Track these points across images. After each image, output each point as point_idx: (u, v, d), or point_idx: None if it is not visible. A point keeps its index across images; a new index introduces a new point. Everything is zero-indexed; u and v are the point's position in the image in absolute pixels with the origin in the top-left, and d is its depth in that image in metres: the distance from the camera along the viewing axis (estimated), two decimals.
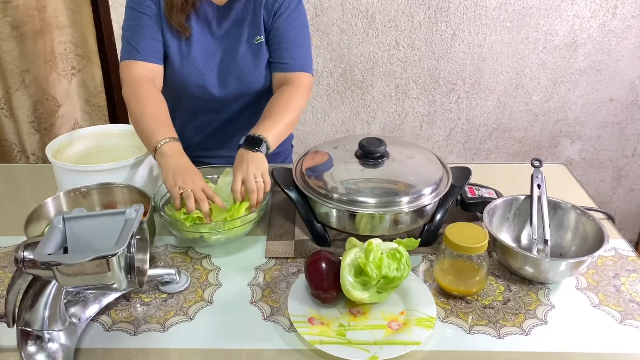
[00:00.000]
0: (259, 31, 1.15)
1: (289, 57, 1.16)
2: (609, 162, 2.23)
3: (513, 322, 0.81)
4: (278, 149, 1.35)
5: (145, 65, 1.11)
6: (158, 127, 1.02)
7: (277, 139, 1.06)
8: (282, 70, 1.17)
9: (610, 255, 0.97)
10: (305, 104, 1.17)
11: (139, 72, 1.10)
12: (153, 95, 1.09)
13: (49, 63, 1.78)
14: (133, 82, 1.09)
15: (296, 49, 1.16)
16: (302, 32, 1.18)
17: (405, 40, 1.96)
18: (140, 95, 1.07)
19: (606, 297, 0.87)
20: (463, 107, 2.10)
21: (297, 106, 1.12)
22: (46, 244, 0.63)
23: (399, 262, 0.79)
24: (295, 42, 1.16)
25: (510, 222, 0.99)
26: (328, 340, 0.75)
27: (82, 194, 0.97)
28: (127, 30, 1.12)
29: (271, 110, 1.09)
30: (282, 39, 1.15)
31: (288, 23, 1.15)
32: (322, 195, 0.94)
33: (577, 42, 1.98)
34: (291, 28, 1.15)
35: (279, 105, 1.10)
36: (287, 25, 1.15)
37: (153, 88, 1.10)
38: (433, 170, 1.00)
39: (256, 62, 1.16)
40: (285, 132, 1.09)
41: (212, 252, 0.97)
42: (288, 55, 1.16)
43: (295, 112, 1.11)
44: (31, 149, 1.85)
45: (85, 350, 0.76)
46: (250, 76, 1.18)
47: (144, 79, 1.10)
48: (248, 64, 1.16)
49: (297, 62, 1.16)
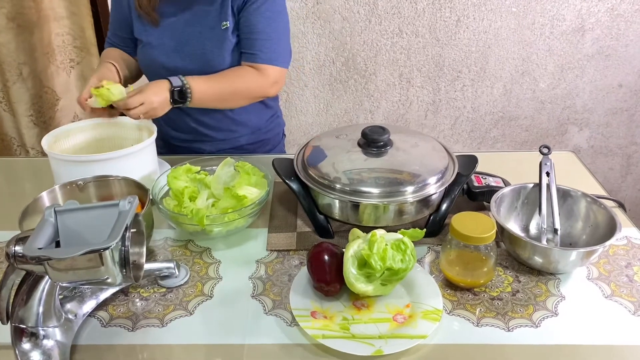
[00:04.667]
0: (226, 16, 1.16)
1: (256, 49, 1.17)
2: (617, 149, 2.19)
3: (522, 314, 0.79)
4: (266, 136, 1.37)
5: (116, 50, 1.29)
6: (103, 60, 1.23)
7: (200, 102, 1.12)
8: (249, 61, 1.18)
9: (622, 244, 0.94)
10: (261, 95, 1.21)
11: None
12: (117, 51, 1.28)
13: (47, 55, 1.76)
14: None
15: (264, 41, 1.17)
16: (273, 23, 1.17)
17: (409, 27, 1.92)
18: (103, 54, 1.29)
19: (618, 287, 0.84)
20: (468, 95, 2.06)
21: (247, 88, 1.17)
22: (36, 238, 0.60)
23: (403, 253, 0.77)
24: (264, 33, 1.16)
25: (519, 211, 0.97)
26: (331, 334, 0.73)
27: (79, 187, 0.94)
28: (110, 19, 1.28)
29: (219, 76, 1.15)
30: (251, 29, 1.16)
31: (259, 13, 1.15)
32: (325, 186, 0.92)
33: (584, 27, 1.93)
34: (261, 19, 1.15)
35: (229, 75, 1.15)
36: (257, 16, 1.15)
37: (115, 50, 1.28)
38: (438, 158, 0.97)
39: (221, 47, 1.18)
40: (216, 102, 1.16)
41: (212, 245, 0.95)
42: (256, 46, 1.17)
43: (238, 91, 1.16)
44: (30, 143, 1.83)
45: (82, 347, 0.74)
46: (214, 60, 1.19)
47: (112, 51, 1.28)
48: (213, 49, 1.18)
49: (264, 54, 1.17)
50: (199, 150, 1.33)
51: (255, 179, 1.00)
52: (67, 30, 1.77)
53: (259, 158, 1.14)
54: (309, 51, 1.96)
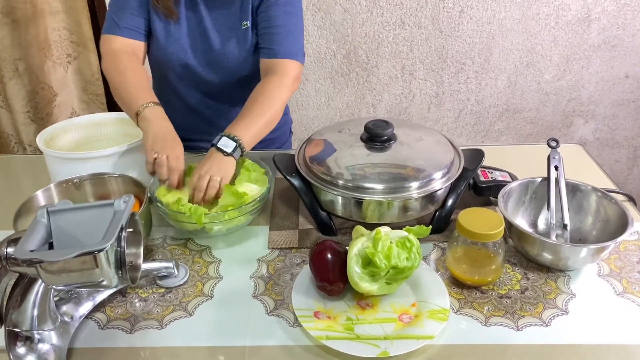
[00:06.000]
0: (247, 16, 1.12)
1: (276, 43, 1.12)
2: (624, 141, 2.16)
3: (532, 313, 0.76)
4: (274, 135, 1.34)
5: (124, 41, 1.11)
6: (139, 93, 1.02)
7: (255, 138, 1.02)
8: (269, 57, 1.13)
9: (633, 239, 0.91)
10: (289, 95, 1.14)
11: (119, 47, 1.10)
12: (134, 65, 1.09)
13: (43, 51, 1.73)
14: (113, 55, 1.09)
15: (284, 35, 1.12)
16: (293, 19, 1.14)
17: (411, 18, 1.89)
18: (119, 66, 1.07)
19: (630, 284, 0.81)
20: (472, 87, 2.03)
21: (280, 100, 1.09)
22: (28, 239, 0.58)
23: (409, 251, 0.75)
24: (284, 28, 1.12)
25: (527, 207, 0.94)
26: (335, 335, 0.71)
27: (75, 185, 0.92)
28: (112, 4, 1.13)
29: (251, 107, 1.05)
30: (271, 23, 1.11)
31: (278, 8, 1.11)
32: (327, 182, 0.90)
33: (590, 17, 1.89)
34: (281, 13, 1.11)
35: (260, 99, 1.06)
36: (277, 11, 1.11)
37: (134, 59, 1.10)
38: (443, 153, 0.95)
39: (241, 48, 1.14)
40: (265, 130, 1.06)
41: (213, 243, 0.93)
42: (276, 40, 1.12)
43: (276, 108, 1.07)
44: (28, 140, 1.81)
45: (79, 350, 0.72)
46: (235, 61, 1.15)
47: (124, 52, 1.10)
48: (233, 50, 1.14)
49: (285, 49, 1.12)
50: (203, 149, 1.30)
51: (256, 176, 0.97)
52: (64, 24, 1.74)
53: (259, 154, 1.11)
54: (310, 44, 1.93)
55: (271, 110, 1.06)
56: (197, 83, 1.20)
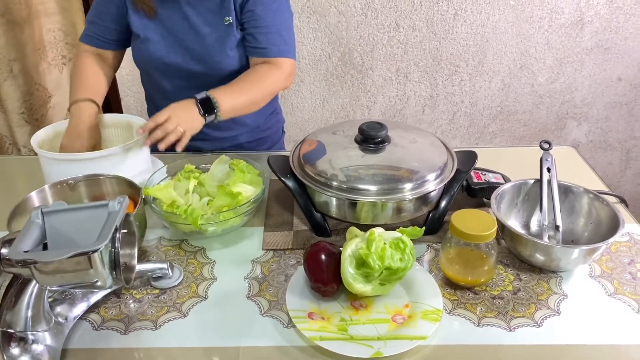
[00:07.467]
0: (228, 12, 1.12)
1: (268, 42, 1.12)
2: (617, 143, 2.18)
3: (524, 313, 0.77)
4: (265, 134, 1.34)
5: (92, 48, 1.20)
6: (78, 89, 1.12)
7: (234, 111, 1.07)
8: (261, 56, 1.14)
9: (624, 240, 0.92)
10: (280, 88, 1.15)
11: (86, 51, 1.20)
12: (91, 65, 1.17)
13: (38, 52, 1.73)
14: (78, 58, 1.19)
15: (274, 34, 1.13)
16: (281, 16, 1.14)
17: (406, 21, 1.90)
18: (77, 65, 1.17)
19: (622, 285, 0.82)
20: (466, 89, 2.04)
21: (270, 87, 1.11)
22: (22, 240, 0.58)
23: (402, 252, 0.75)
24: (273, 27, 1.13)
25: (519, 208, 0.95)
26: (329, 336, 0.72)
27: (69, 186, 0.92)
28: (91, 9, 1.19)
29: (242, 82, 1.09)
30: (258, 22, 1.12)
31: (264, 5, 1.11)
32: (321, 183, 0.90)
33: (583, 20, 1.91)
34: (268, 11, 1.12)
35: (250, 79, 1.09)
36: (263, 9, 1.12)
37: (94, 61, 1.18)
38: (437, 154, 0.95)
39: (223, 43, 1.14)
40: (246, 108, 1.09)
41: (207, 244, 0.93)
42: (266, 40, 1.12)
43: (263, 91, 1.10)
44: (22, 141, 1.80)
45: (73, 350, 0.72)
46: (217, 57, 1.15)
47: (89, 55, 1.19)
48: (214, 44, 1.14)
49: (276, 47, 1.13)
50: (196, 149, 1.31)
51: (250, 177, 0.98)
52: (59, 26, 1.74)
53: (254, 155, 1.12)
54: (305, 46, 1.94)
55: (259, 92, 1.09)
56: (180, 79, 1.20)
